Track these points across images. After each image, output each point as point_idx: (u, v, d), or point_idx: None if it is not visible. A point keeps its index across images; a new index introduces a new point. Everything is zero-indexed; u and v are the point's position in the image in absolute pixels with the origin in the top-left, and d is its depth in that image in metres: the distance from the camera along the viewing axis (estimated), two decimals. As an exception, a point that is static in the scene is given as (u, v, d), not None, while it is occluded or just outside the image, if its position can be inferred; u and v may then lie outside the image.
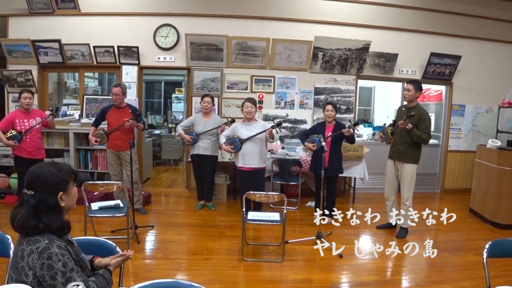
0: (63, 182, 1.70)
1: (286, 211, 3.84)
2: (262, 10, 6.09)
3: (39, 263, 1.53)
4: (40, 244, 1.56)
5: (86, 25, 6.13)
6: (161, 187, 6.87)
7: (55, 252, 1.55)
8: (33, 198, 1.63)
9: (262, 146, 4.83)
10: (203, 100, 5.25)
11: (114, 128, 4.89)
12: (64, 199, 1.69)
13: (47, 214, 1.63)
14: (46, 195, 1.65)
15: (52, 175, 1.68)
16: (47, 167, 1.71)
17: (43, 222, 1.61)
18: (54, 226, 1.64)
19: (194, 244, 4.25)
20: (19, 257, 1.57)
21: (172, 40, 6.06)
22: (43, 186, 1.65)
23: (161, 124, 10.05)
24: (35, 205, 1.62)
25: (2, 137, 4.80)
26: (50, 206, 1.65)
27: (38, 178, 1.66)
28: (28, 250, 1.56)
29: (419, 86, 4.41)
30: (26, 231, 1.60)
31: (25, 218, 1.60)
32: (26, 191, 1.65)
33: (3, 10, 6.28)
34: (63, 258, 1.57)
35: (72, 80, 7.72)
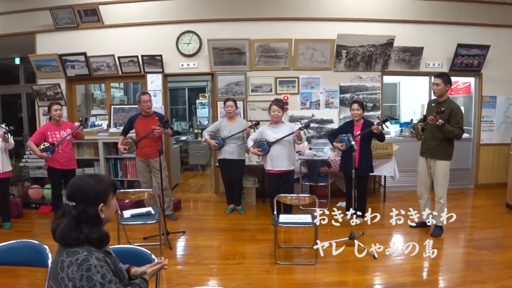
0: (104, 194, 1.72)
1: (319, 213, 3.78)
2: (283, 11, 6.05)
3: (78, 275, 1.53)
4: (80, 255, 1.57)
5: (110, 36, 6.27)
6: (190, 192, 6.92)
7: (94, 263, 1.56)
8: (74, 209, 1.64)
9: (290, 148, 4.78)
10: (226, 104, 5.26)
11: (142, 136, 4.95)
12: (104, 210, 1.71)
13: (87, 226, 1.64)
14: (87, 206, 1.66)
15: (93, 187, 1.69)
16: (88, 179, 1.73)
17: (84, 233, 1.62)
18: (94, 237, 1.65)
19: (226, 249, 4.24)
20: (59, 268, 1.58)
21: (195, 46, 6.11)
22: (84, 198, 1.67)
23: (186, 130, 10.15)
24: (76, 216, 1.63)
25: (35, 149, 4.93)
26: (90, 217, 1.66)
27: (80, 190, 1.68)
28: (68, 261, 1.56)
29: (448, 79, 4.26)
30: (67, 242, 1.61)
31: (66, 229, 1.61)
32: (67, 202, 1.67)
33: (31, 27, 6.49)
34: (101, 270, 1.57)
35: (98, 91, 7.89)
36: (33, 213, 5.84)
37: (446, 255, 3.99)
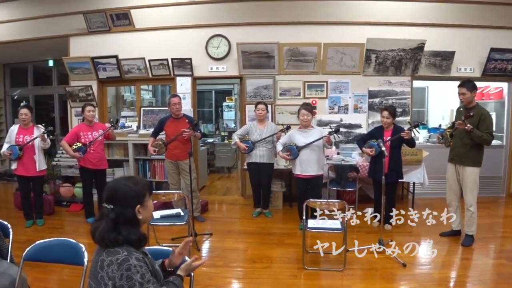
0: (140, 195, 1.75)
1: (347, 219, 3.75)
2: (313, 15, 6.03)
3: (118, 274, 1.57)
4: (120, 255, 1.60)
5: (141, 40, 6.39)
6: (216, 195, 6.97)
7: (133, 263, 1.59)
8: (112, 212, 1.68)
9: (320, 153, 4.76)
10: (257, 107, 5.28)
11: (172, 138, 5.02)
12: (141, 212, 1.74)
13: (125, 227, 1.68)
14: (125, 208, 1.70)
15: (130, 189, 1.73)
16: (124, 181, 1.77)
17: (122, 235, 1.66)
18: (133, 238, 1.68)
19: (253, 252, 4.24)
20: (99, 267, 1.62)
21: (224, 50, 6.16)
22: (122, 200, 1.70)
23: (213, 133, 10.22)
24: (114, 218, 1.67)
25: (68, 149, 5.07)
26: (128, 219, 1.70)
27: (117, 193, 1.72)
28: (108, 261, 1.60)
29: (473, 85, 4.17)
30: (106, 243, 1.65)
31: (105, 231, 1.65)
32: (105, 205, 1.71)
33: (65, 31, 6.68)
34: (141, 270, 1.60)
35: (128, 93, 8.05)
36: (64, 210, 6.01)
37: (476, 266, 3.89)
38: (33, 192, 5.29)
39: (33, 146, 5.05)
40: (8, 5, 7.00)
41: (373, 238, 4.19)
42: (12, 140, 5.05)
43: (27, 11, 6.89)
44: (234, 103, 9.82)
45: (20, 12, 6.95)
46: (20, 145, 4.99)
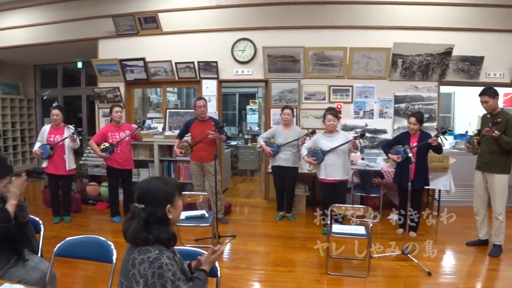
0: (170, 195, 1.79)
1: (372, 225, 3.72)
2: (339, 19, 6.00)
3: (150, 272, 1.61)
4: (151, 254, 1.64)
5: (168, 43, 6.49)
6: (239, 197, 7.00)
7: (165, 262, 1.63)
8: (143, 212, 1.72)
9: (345, 157, 4.73)
10: (283, 111, 5.28)
11: (198, 140, 5.08)
12: (171, 211, 1.78)
13: (156, 226, 1.71)
14: (156, 208, 1.73)
15: (160, 189, 1.76)
16: (155, 182, 1.81)
17: (153, 234, 1.69)
18: (163, 237, 1.72)
19: (276, 256, 4.24)
20: (130, 265, 1.66)
21: (250, 53, 6.19)
22: (153, 200, 1.74)
23: (236, 135, 10.29)
24: (145, 218, 1.71)
25: (96, 149, 5.19)
26: (159, 218, 1.73)
27: (148, 193, 1.75)
28: (140, 259, 1.64)
29: (494, 92, 4.11)
30: (137, 242, 1.69)
31: (137, 230, 1.69)
32: (137, 205, 1.75)
33: (94, 34, 6.85)
34: (172, 268, 1.64)
35: (155, 95, 8.19)
36: (90, 209, 6.14)
37: (504, 277, 3.79)
38: (61, 190, 5.45)
39: (63, 145, 5.20)
40: (41, 8, 7.24)
41: (397, 245, 4.14)
42: (44, 139, 5.21)
43: (59, 14, 7.10)
44: (257, 106, 9.86)
45: (51, 15, 7.17)
46: (51, 144, 5.15)
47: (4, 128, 9.36)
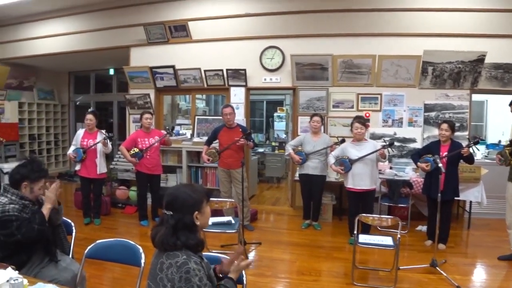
0: (198, 202, 1.81)
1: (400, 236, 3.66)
2: (368, 27, 5.96)
3: (177, 276, 1.63)
4: (179, 258, 1.67)
5: (197, 51, 6.60)
6: (266, 204, 6.98)
7: (192, 267, 1.65)
8: (171, 218, 1.75)
9: (373, 166, 4.68)
10: (312, 119, 5.27)
11: (225, 147, 5.13)
12: (199, 218, 1.80)
13: (184, 233, 1.74)
14: (183, 215, 1.76)
15: (188, 196, 1.79)
16: (183, 189, 1.85)
17: (181, 240, 1.72)
18: (191, 243, 1.74)
19: (302, 264, 4.21)
20: (158, 269, 1.69)
21: (278, 61, 6.22)
22: (181, 207, 1.77)
23: (263, 143, 10.30)
24: (173, 224, 1.74)
25: (126, 154, 5.32)
26: (186, 225, 1.76)
27: (176, 200, 1.79)
28: (168, 263, 1.67)
29: None
30: (165, 247, 1.72)
31: (165, 236, 1.73)
32: (165, 211, 1.79)
33: (126, 42, 7.05)
34: (199, 273, 1.66)
35: (183, 102, 8.33)
36: (119, 212, 6.28)
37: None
38: (92, 193, 5.59)
39: (95, 150, 5.35)
40: (76, 18, 7.51)
41: (426, 257, 4.06)
42: (78, 143, 5.39)
43: (93, 23, 7.36)
44: (285, 113, 9.86)
45: (86, 24, 7.43)
46: (84, 148, 5.31)
47: (39, 132, 9.74)
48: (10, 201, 2.47)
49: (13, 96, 8.98)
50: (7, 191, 2.53)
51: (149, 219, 5.67)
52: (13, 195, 2.50)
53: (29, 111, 9.42)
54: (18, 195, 2.51)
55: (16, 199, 2.50)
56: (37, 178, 2.55)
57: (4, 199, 2.48)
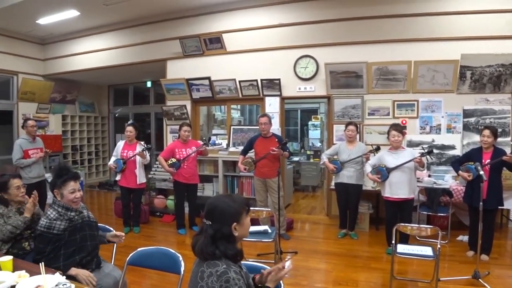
0: (237, 213, 1.83)
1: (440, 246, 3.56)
2: (402, 33, 5.86)
3: (217, 285, 1.66)
4: (219, 268, 1.70)
5: (232, 62, 6.72)
6: (301, 213, 6.96)
7: (232, 276, 1.68)
8: (210, 228, 1.78)
9: (411, 175, 4.58)
10: (347, 128, 5.24)
11: (261, 156, 5.17)
12: (237, 229, 1.81)
13: (222, 242, 1.77)
14: (222, 225, 1.78)
15: (228, 206, 1.82)
16: (223, 199, 1.87)
17: (220, 250, 1.75)
18: (229, 253, 1.77)
19: (338, 274, 4.17)
20: (199, 277, 1.72)
21: (312, 70, 6.22)
22: (220, 217, 1.80)
23: (298, 151, 10.28)
24: (212, 234, 1.77)
25: (164, 164, 5.47)
26: (225, 235, 1.78)
27: (215, 210, 1.82)
28: (208, 272, 1.70)
29: None
30: (205, 256, 1.76)
31: (204, 245, 1.76)
32: (205, 221, 1.82)
33: (163, 55, 7.28)
34: (238, 283, 1.68)
35: (219, 112, 8.46)
36: (158, 220, 6.45)
37: None
38: (132, 202, 5.76)
39: (135, 160, 5.52)
40: (115, 33, 7.86)
41: (468, 268, 3.93)
42: (118, 154, 5.59)
43: (131, 38, 7.65)
44: (319, 122, 9.82)
45: (124, 39, 7.74)
46: (124, 159, 5.50)
47: (81, 143, 10.18)
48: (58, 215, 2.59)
49: (57, 110, 9.43)
50: (54, 203, 2.66)
51: (187, 227, 5.78)
52: (59, 207, 2.63)
53: (72, 123, 9.89)
54: (62, 206, 2.63)
55: (62, 211, 2.61)
56: (62, 183, 2.62)
57: (53, 212, 2.60)
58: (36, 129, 5.86)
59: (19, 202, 3.18)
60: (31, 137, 5.72)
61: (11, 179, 3.13)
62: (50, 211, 2.61)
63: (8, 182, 3.11)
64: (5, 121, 8.43)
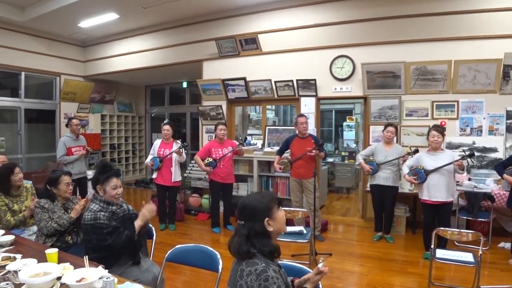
0: (268, 208, 1.84)
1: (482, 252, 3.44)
2: (442, 31, 5.69)
3: (256, 284, 1.67)
4: (258, 266, 1.71)
5: (268, 63, 6.74)
6: (336, 215, 6.90)
7: (271, 275, 1.69)
8: (244, 228, 1.82)
9: (450, 178, 4.44)
10: (386, 129, 5.13)
11: (298, 157, 5.16)
12: (271, 224, 1.83)
13: (258, 240, 1.79)
14: (254, 223, 1.81)
15: (258, 203, 1.84)
16: (251, 197, 1.90)
17: (256, 248, 1.77)
18: (266, 250, 1.78)
19: (374, 278, 4.10)
20: (238, 276, 1.74)
21: (348, 70, 6.15)
22: (251, 215, 1.82)
23: (332, 152, 10.20)
24: (246, 233, 1.80)
25: (201, 163, 5.55)
26: (259, 232, 1.80)
27: (245, 209, 1.84)
28: (247, 270, 1.72)
29: None
30: (241, 255, 1.78)
31: (239, 245, 1.79)
32: (239, 222, 1.86)
33: (199, 56, 7.40)
34: (277, 281, 1.69)
35: (254, 113, 8.52)
36: (192, 219, 6.55)
37: None
38: (168, 200, 5.89)
39: (171, 159, 5.64)
40: (152, 35, 8.06)
41: (510, 277, 3.79)
42: (155, 152, 5.73)
43: (168, 40, 7.83)
44: (354, 122, 9.70)
45: (162, 41, 7.93)
46: (160, 157, 5.62)
47: (118, 141, 10.49)
48: (100, 208, 2.70)
49: (96, 109, 9.77)
50: (96, 198, 2.77)
51: (221, 226, 5.85)
52: (100, 202, 2.74)
53: (110, 123, 10.21)
54: (104, 201, 2.74)
55: (103, 205, 2.73)
56: (105, 179, 2.74)
57: (95, 206, 2.71)
58: (80, 128, 6.12)
59: (65, 198, 3.35)
60: (75, 135, 5.97)
61: (63, 175, 3.35)
62: (92, 205, 2.73)
63: (60, 177, 3.32)
64: (48, 120, 8.82)
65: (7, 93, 8.14)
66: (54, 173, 3.41)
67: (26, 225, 3.67)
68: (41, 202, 3.26)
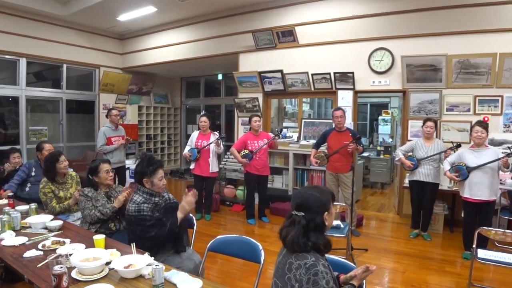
0: (327, 203, 1.88)
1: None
2: (486, 23, 5.45)
3: (305, 278, 1.70)
4: (308, 260, 1.73)
5: (305, 55, 6.69)
6: (370, 210, 6.82)
7: (320, 269, 1.70)
8: (303, 219, 1.83)
9: (494, 176, 4.29)
10: (425, 124, 5.00)
11: (335, 151, 5.13)
12: (327, 218, 1.87)
13: (315, 233, 1.81)
14: (315, 215, 1.84)
15: (318, 197, 1.87)
16: (311, 191, 1.92)
17: (311, 241, 1.79)
18: (320, 244, 1.81)
19: (411, 275, 4.05)
20: (287, 269, 1.77)
21: (387, 63, 6.02)
22: (312, 208, 1.85)
23: (366, 146, 10.02)
24: (305, 225, 1.82)
25: (237, 155, 5.61)
26: (318, 225, 1.83)
27: (307, 201, 1.86)
28: (296, 264, 1.75)
29: None
30: (295, 248, 1.80)
31: (296, 237, 1.80)
32: (296, 212, 1.87)
33: (235, 48, 7.44)
34: (326, 276, 1.71)
35: (290, 105, 8.51)
36: (227, 209, 6.66)
37: None
38: (205, 190, 5.99)
39: (208, 150, 5.74)
40: (188, 28, 8.16)
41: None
42: (193, 143, 5.84)
43: (204, 32, 7.90)
44: (390, 117, 9.51)
45: (198, 33, 8.01)
46: (198, 148, 5.72)
47: (155, 132, 10.74)
48: (144, 199, 2.79)
49: (133, 100, 10.02)
50: (139, 189, 2.87)
51: (256, 218, 5.91)
52: (143, 193, 2.83)
53: (147, 114, 10.47)
54: (147, 192, 2.84)
55: (147, 196, 2.82)
56: (152, 171, 2.83)
57: (139, 197, 2.81)
58: (119, 118, 6.29)
59: (107, 185, 3.48)
60: (114, 125, 6.15)
61: (101, 164, 3.48)
62: (136, 196, 2.82)
63: (99, 166, 3.45)
64: (88, 111, 9.11)
65: (49, 85, 8.45)
66: (93, 162, 3.56)
67: (70, 211, 3.84)
68: (85, 190, 3.40)
